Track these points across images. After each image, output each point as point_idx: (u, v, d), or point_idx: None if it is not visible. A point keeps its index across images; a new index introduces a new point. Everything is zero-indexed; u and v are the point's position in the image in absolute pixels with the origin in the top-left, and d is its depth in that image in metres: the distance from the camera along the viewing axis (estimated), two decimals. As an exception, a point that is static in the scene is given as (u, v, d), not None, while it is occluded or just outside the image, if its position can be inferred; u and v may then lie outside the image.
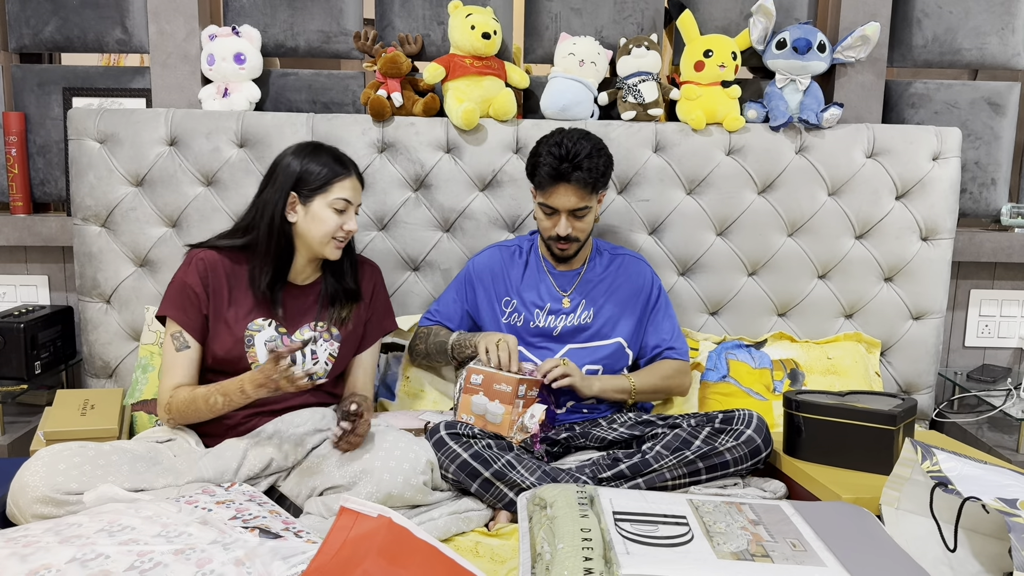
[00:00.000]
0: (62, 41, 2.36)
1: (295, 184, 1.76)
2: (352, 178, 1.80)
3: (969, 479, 1.43)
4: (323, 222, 1.76)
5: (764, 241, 2.30)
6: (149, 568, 1.17)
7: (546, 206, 1.93)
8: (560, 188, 1.90)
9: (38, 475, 1.48)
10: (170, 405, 1.72)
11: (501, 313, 2.05)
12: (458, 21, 2.20)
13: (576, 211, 1.92)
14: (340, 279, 1.88)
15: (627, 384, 1.99)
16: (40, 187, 2.43)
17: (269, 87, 2.36)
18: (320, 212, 1.76)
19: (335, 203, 1.76)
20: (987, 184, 2.48)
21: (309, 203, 1.76)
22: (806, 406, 1.80)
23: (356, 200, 1.81)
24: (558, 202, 1.91)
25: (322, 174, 1.76)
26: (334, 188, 1.76)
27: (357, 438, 1.62)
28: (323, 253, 1.79)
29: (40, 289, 2.48)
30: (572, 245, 1.98)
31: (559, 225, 1.93)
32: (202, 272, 1.78)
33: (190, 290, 1.77)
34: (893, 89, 2.45)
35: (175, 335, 1.76)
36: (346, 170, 1.79)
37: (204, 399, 1.68)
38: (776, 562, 1.27)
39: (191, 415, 1.72)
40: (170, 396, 1.73)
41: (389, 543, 1.24)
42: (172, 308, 1.77)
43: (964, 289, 2.57)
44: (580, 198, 1.90)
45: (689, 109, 2.26)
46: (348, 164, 1.81)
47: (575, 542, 1.30)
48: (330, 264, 1.87)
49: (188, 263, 1.80)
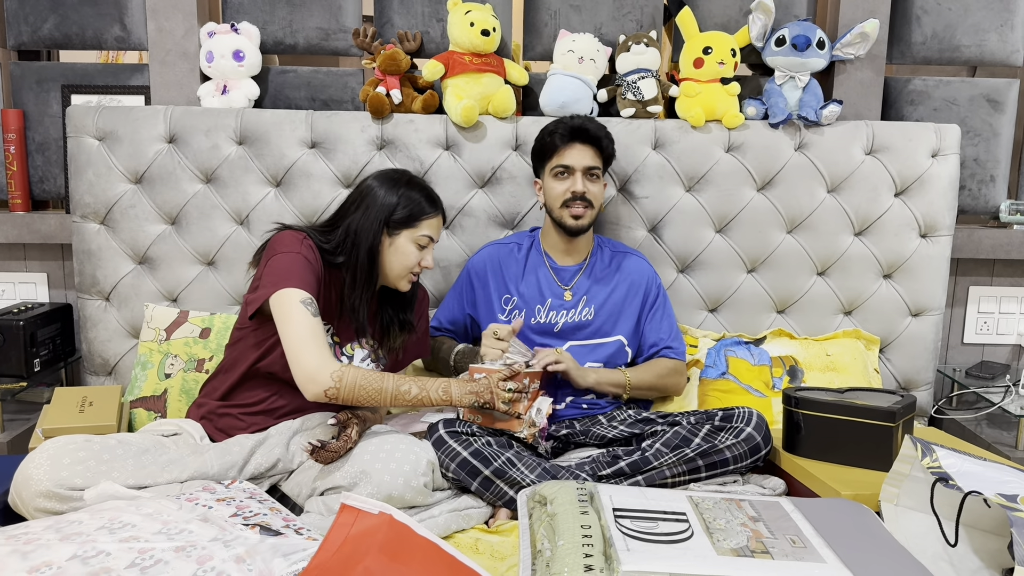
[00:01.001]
0: (61, 38, 2.36)
1: (389, 216, 1.75)
2: (439, 217, 1.82)
3: (969, 475, 1.43)
4: (406, 256, 1.77)
5: (763, 238, 2.30)
6: (150, 565, 1.17)
7: (561, 166, 1.99)
8: (575, 146, 1.99)
9: (42, 468, 1.47)
10: (343, 376, 1.58)
11: (501, 311, 2.06)
12: (457, 18, 2.20)
13: (590, 170, 1.98)
14: (399, 310, 1.88)
15: (622, 379, 2.00)
16: (39, 184, 2.42)
17: (268, 84, 2.36)
18: (404, 246, 1.77)
19: (420, 239, 1.78)
20: (986, 181, 2.49)
21: (396, 236, 1.77)
22: (805, 403, 1.80)
23: (438, 238, 1.83)
24: (574, 159, 1.98)
25: (415, 209, 1.77)
26: (423, 225, 1.78)
27: (328, 453, 1.59)
28: (397, 285, 1.81)
29: (39, 287, 2.48)
30: (587, 211, 2.00)
31: (576, 182, 1.97)
32: (312, 255, 1.69)
33: (310, 265, 1.67)
34: (892, 86, 2.45)
35: (306, 301, 1.60)
36: (435, 208, 1.81)
37: (395, 384, 1.62)
38: (776, 558, 1.27)
39: (364, 395, 1.60)
40: (342, 368, 1.59)
41: (390, 540, 1.24)
42: (296, 279, 1.62)
43: (963, 286, 2.58)
44: (593, 156, 2.00)
45: (688, 106, 2.26)
46: (438, 203, 1.83)
47: (575, 539, 1.30)
48: (391, 292, 1.87)
49: (296, 242, 1.69)
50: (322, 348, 1.59)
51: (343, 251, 1.76)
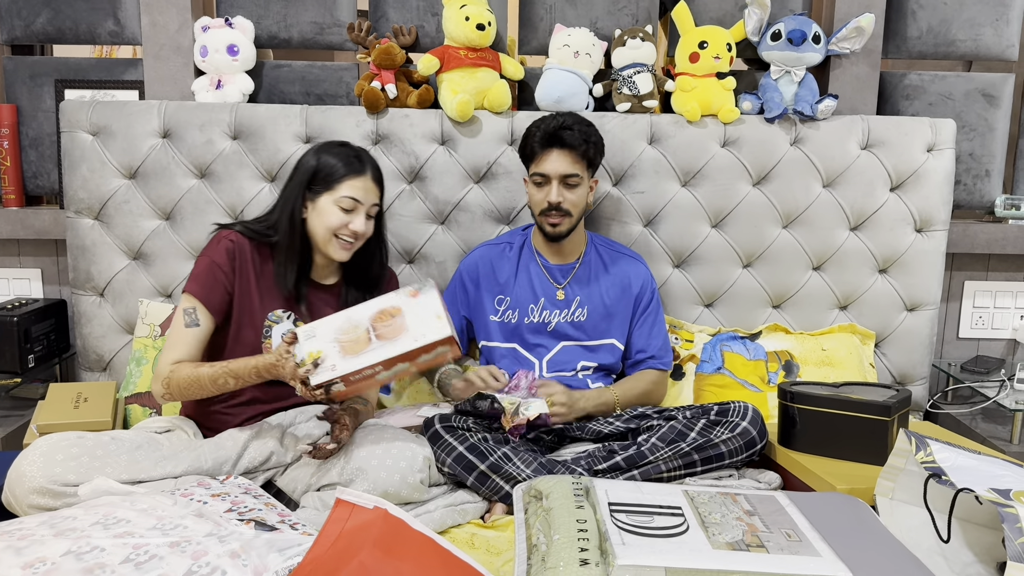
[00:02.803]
0: (54, 33, 2.35)
1: (310, 180, 1.75)
2: (365, 177, 1.76)
3: (963, 470, 1.43)
4: (326, 217, 1.73)
5: (759, 233, 2.30)
6: (144, 561, 1.17)
7: (538, 174, 1.95)
8: (552, 153, 1.93)
9: (35, 465, 1.47)
10: (169, 380, 1.66)
11: (494, 312, 2.05)
12: (452, 12, 2.19)
13: (567, 178, 1.93)
14: (362, 289, 1.86)
15: (611, 400, 1.99)
16: (33, 180, 2.41)
17: (262, 79, 2.35)
18: (325, 208, 1.73)
19: (342, 201, 1.73)
20: (981, 176, 2.49)
21: (317, 199, 1.74)
22: (801, 397, 1.80)
23: (368, 200, 1.76)
24: (549, 167, 1.93)
25: (334, 171, 1.74)
26: (342, 186, 1.73)
27: (326, 451, 1.60)
28: (328, 252, 1.76)
29: (33, 282, 2.47)
30: (564, 220, 1.96)
31: (551, 192, 1.93)
32: (230, 252, 1.75)
33: (217, 269, 1.73)
34: (888, 81, 2.45)
35: (187, 310, 1.71)
36: (360, 169, 1.76)
37: (211, 379, 1.63)
38: (771, 552, 1.27)
39: (192, 392, 1.66)
40: (170, 371, 1.67)
41: (385, 535, 1.24)
42: (195, 284, 1.73)
43: (958, 280, 2.58)
44: (570, 163, 1.93)
45: (684, 101, 2.26)
46: (365, 163, 1.78)
47: (571, 533, 1.30)
48: (348, 269, 1.86)
49: (217, 242, 1.77)
50: (171, 354, 1.69)
51: (277, 223, 1.78)
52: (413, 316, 1.57)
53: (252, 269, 1.77)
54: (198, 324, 1.71)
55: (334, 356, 1.54)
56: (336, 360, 1.54)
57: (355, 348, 1.54)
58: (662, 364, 2.08)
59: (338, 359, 1.54)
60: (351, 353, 1.54)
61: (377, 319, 1.58)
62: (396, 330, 1.56)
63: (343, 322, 1.58)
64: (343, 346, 1.55)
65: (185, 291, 1.74)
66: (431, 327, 1.55)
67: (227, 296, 1.75)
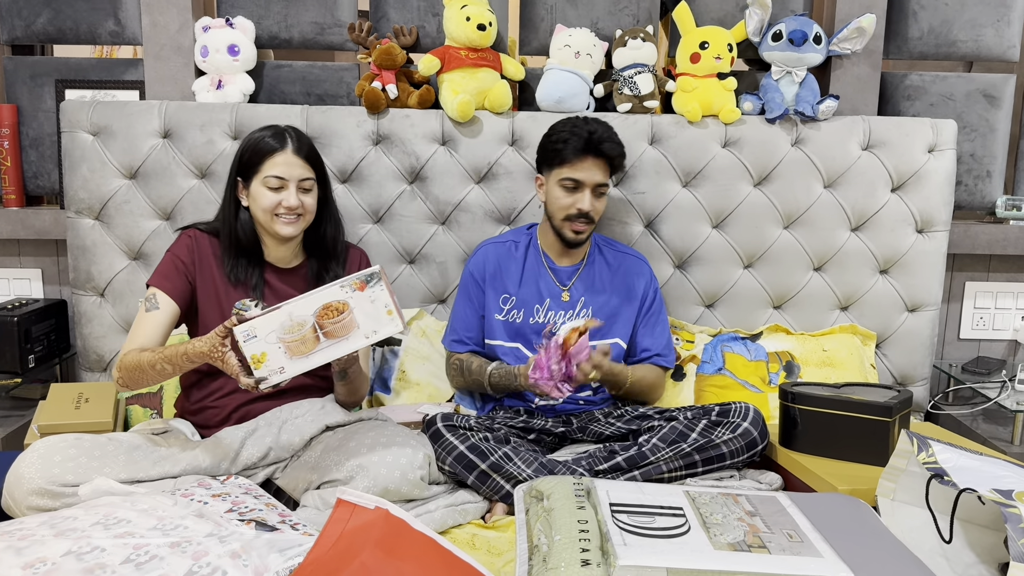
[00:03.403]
0: (54, 33, 2.35)
1: (239, 169, 1.78)
2: (285, 152, 1.75)
3: (965, 470, 1.43)
4: (260, 200, 1.75)
5: (760, 233, 2.29)
6: (145, 561, 1.17)
7: (571, 180, 1.93)
8: (588, 160, 1.92)
9: (33, 467, 1.47)
10: (120, 364, 1.67)
11: (499, 310, 2.04)
12: (453, 12, 2.19)
13: (599, 187, 1.94)
14: (322, 259, 1.88)
15: (625, 379, 1.97)
16: (33, 180, 2.41)
17: (263, 79, 2.35)
18: (256, 191, 1.75)
19: (267, 181, 1.74)
20: (982, 176, 2.49)
21: (250, 185, 1.77)
22: (802, 398, 1.80)
23: (291, 175, 1.74)
24: (585, 175, 1.92)
25: (255, 154, 1.75)
26: (265, 167, 1.74)
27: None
28: (273, 231, 1.78)
29: (33, 282, 2.47)
30: (588, 228, 1.97)
31: (583, 200, 1.93)
32: (189, 245, 1.80)
33: (177, 260, 1.78)
34: (889, 81, 2.45)
35: (148, 297, 1.75)
36: (278, 146, 1.75)
37: (150, 364, 1.62)
38: (773, 553, 1.27)
39: (137, 378, 1.65)
40: (122, 356, 1.68)
41: (386, 535, 1.24)
42: (156, 276, 1.78)
43: (959, 281, 2.58)
44: (604, 172, 1.95)
45: (685, 101, 2.26)
46: (284, 139, 1.76)
47: (572, 534, 1.30)
48: (311, 246, 1.87)
49: (177, 241, 1.83)
50: (132, 341, 1.71)
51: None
52: (361, 312, 1.49)
53: (214, 262, 1.81)
54: (158, 307, 1.73)
55: (280, 358, 1.48)
56: (283, 362, 1.48)
57: (302, 349, 1.48)
58: (666, 362, 2.08)
59: (285, 361, 1.48)
60: (298, 354, 1.48)
61: (323, 315, 1.48)
62: (345, 327, 1.49)
63: (285, 319, 1.47)
64: (288, 347, 1.48)
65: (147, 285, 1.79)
66: (382, 323, 1.50)
67: (188, 285, 1.78)
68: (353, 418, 1.78)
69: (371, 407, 2.09)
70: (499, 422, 1.87)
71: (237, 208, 1.80)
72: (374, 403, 2.14)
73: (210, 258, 1.80)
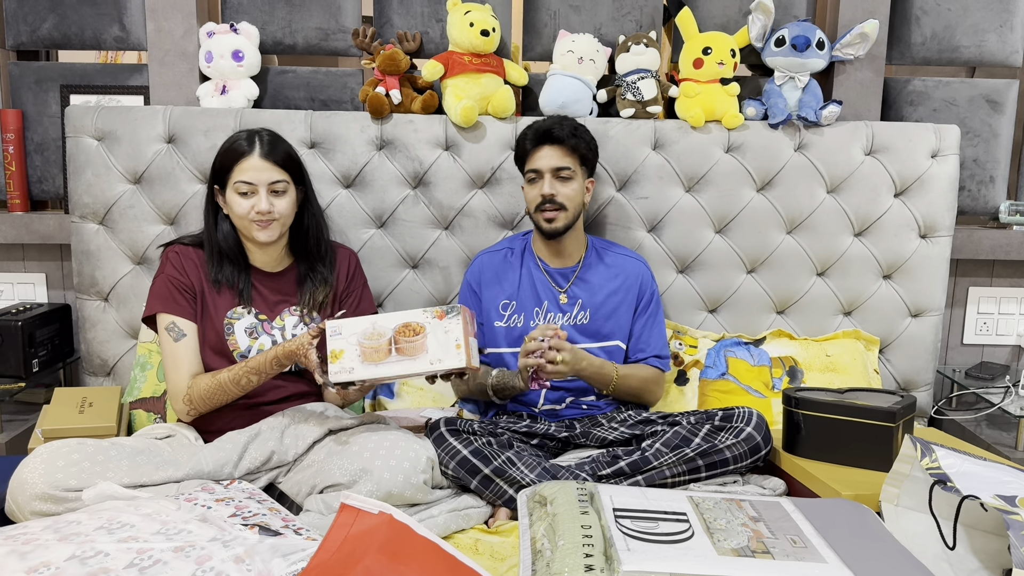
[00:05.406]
0: (59, 38, 2.36)
1: (213, 179, 1.80)
2: (252, 157, 1.74)
3: (968, 476, 1.43)
4: (235, 207, 1.76)
5: (763, 239, 2.30)
6: (148, 565, 1.17)
7: (531, 171, 2.00)
8: (544, 149, 1.98)
9: (37, 472, 1.47)
10: (190, 395, 1.73)
11: (499, 317, 2.04)
12: (457, 18, 2.19)
13: (559, 171, 1.97)
14: (309, 262, 1.89)
15: (611, 374, 1.96)
16: (38, 185, 2.42)
17: (267, 84, 2.36)
18: (231, 199, 1.77)
19: (237, 187, 1.75)
20: (985, 181, 2.49)
21: (225, 193, 1.78)
22: (805, 403, 1.80)
23: (259, 180, 1.74)
24: (541, 162, 1.97)
25: (224, 160, 1.77)
26: (234, 172, 1.76)
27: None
28: (251, 235, 1.79)
29: (38, 287, 2.47)
30: (559, 215, 1.97)
31: (543, 185, 1.96)
32: (177, 263, 1.82)
33: (174, 280, 1.80)
34: (892, 86, 2.45)
35: (169, 327, 1.77)
36: (246, 151, 1.75)
37: (233, 382, 1.70)
38: (777, 558, 1.27)
39: (217, 399, 1.73)
40: (188, 387, 1.73)
41: (390, 540, 1.24)
42: (158, 303, 1.79)
43: (962, 286, 2.58)
44: (560, 156, 1.97)
45: (688, 106, 2.26)
46: (253, 143, 1.76)
47: (576, 539, 1.30)
48: (297, 249, 1.88)
49: (163, 261, 1.84)
50: (179, 373, 1.75)
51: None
52: (434, 339, 1.60)
53: (202, 273, 1.82)
54: (185, 334, 1.78)
55: (354, 359, 1.59)
56: (355, 364, 1.59)
57: (375, 356, 1.59)
58: (660, 363, 2.07)
59: (357, 363, 1.59)
60: (370, 360, 1.59)
61: (401, 331, 1.61)
62: (416, 348, 1.60)
63: (368, 326, 1.61)
64: (364, 351, 1.59)
65: (154, 313, 1.79)
66: (449, 354, 1.60)
67: (193, 302, 1.80)
68: (356, 422, 1.78)
69: (374, 411, 2.09)
70: (502, 427, 1.87)
71: (217, 216, 1.82)
72: (377, 407, 2.15)
73: (198, 269, 1.82)
